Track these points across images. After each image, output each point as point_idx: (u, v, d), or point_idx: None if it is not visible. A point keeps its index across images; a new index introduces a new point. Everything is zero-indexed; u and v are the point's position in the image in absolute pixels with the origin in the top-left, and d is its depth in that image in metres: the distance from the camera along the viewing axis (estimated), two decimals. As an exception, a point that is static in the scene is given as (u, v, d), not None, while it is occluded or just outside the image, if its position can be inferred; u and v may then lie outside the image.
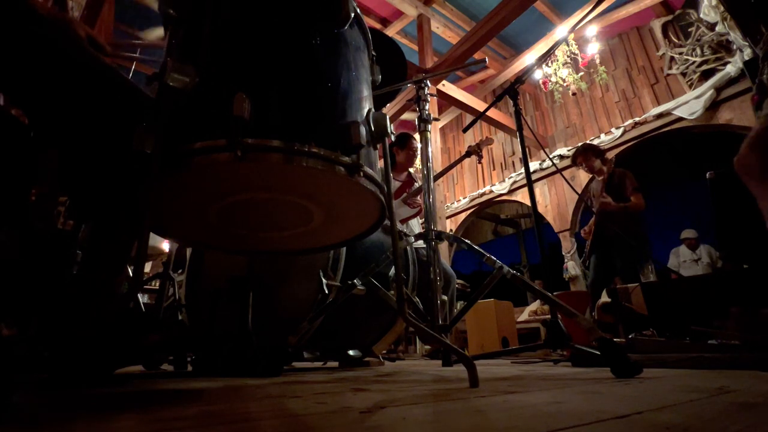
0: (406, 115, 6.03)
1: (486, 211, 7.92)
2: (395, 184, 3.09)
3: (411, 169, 3.33)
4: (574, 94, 5.18)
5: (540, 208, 5.94)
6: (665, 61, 4.97)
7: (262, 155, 0.75)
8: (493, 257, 1.44)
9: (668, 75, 4.95)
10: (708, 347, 1.39)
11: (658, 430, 0.42)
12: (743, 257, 2.03)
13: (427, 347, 3.54)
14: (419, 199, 3.03)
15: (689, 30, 4.67)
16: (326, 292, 1.59)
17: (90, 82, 1.00)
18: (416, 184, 3.17)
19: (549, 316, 1.52)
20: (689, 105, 4.46)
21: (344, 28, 0.94)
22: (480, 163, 3.75)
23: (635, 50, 5.41)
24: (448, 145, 7.93)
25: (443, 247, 4.25)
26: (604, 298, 3.14)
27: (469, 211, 7.17)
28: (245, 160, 0.73)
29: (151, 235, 0.93)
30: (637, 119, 5.00)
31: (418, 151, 3.40)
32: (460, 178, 7.54)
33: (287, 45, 0.85)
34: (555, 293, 2.96)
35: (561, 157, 5.71)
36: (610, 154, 4.00)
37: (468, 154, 3.22)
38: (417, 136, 2.21)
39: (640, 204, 3.32)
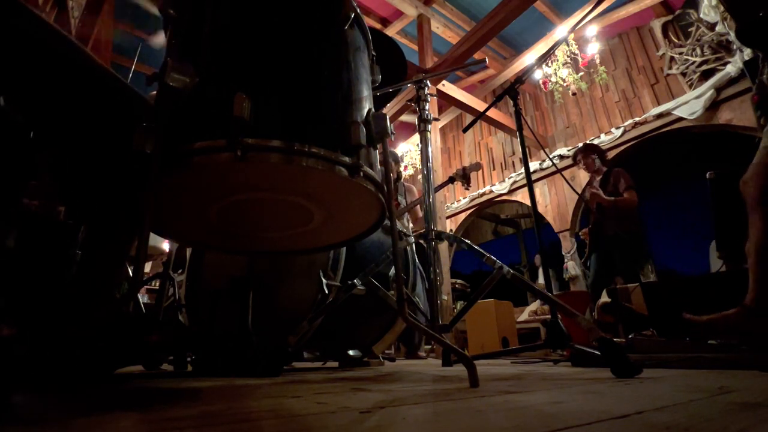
0: (405, 117, 6.02)
1: (486, 211, 7.91)
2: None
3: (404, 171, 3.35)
4: (574, 94, 5.17)
5: (540, 208, 5.94)
6: (665, 61, 4.97)
7: (262, 155, 0.75)
8: (493, 257, 1.44)
9: (668, 75, 4.95)
10: (708, 347, 1.39)
11: (658, 430, 0.42)
12: (743, 257, 2.03)
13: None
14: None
15: (689, 30, 4.67)
16: (326, 292, 1.59)
17: (84, 82, 1.00)
18: (401, 201, 3.18)
19: (549, 316, 1.52)
20: (689, 105, 4.46)
21: (344, 28, 0.94)
22: (467, 188, 3.65)
23: (635, 50, 5.41)
24: (448, 145, 7.93)
25: (443, 248, 4.25)
26: (604, 298, 3.14)
27: (469, 211, 7.17)
28: (245, 160, 0.73)
29: (151, 235, 0.93)
30: (637, 119, 5.00)
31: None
32: (460, 178, 7.52)
33: (287, 45, 0.85)
34: (555, 293, 2.96)
35: (561, 157, 5.70)
36: (611, 154, 4.00)
37: (451, 180, 3.11)
38: (417, 136, 2.21)
39: (633, 200, 3.31)
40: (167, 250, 2.40)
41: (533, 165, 5.95)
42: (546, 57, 2.73)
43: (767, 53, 1.48)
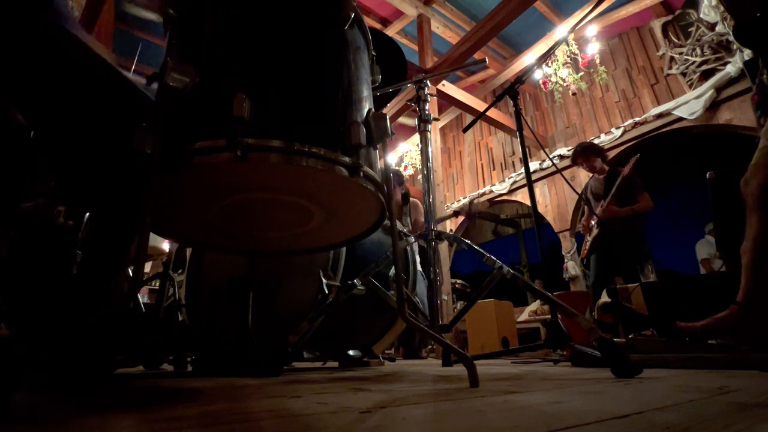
0: (404, 119, 6.02)
1: (486, 211, 7.91)
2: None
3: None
4: (574, 94, 5.17)
5: (540, 208, 5.94)
6: (665, 61, 4.97)
7: (262, 155, 0.75)
8: (493, 257, 1.44)
9: (668, 75, 4.95)
10: (708, 347, 1.39)
11: (658, 430, 0.42)
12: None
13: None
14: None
15: (689, 30, 4.67)
16: (326, 292, 1.59)
17: (87, 80, 1.00)
18: (406, 222, 3.19)
19: (549, 316, 1.52)
20: (689, 105, 4.46)
21: (344, 28, 0.94)
22: (470, 220, 3.82)
23: (635, 50, 5.41)
24: (448, 145, 7.93)
25: (443, 248, 4.25)
26: (604, 298, 3.14)
27: (469, 211, 7.16)
28: (245, 160, 0.73)
29: (151, 235, 0.93)
30: (637, 119, 5.00)
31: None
32: (460, 178, 7.54)
33: (287, 45, 0.85)
34: (555, 293, 2.96)
35: (561, 157, 5.70)
36: (611, 154, 4.00)
37: (455, 214, 3.22)
38: (417, 136, 2.21)
39: (649, 204, 3.32)
40: (167, 250, 2.40)
41: (533, 165, 5.95)
42: (546, 57, 2.73)
43: (764, 54, 1.48)
